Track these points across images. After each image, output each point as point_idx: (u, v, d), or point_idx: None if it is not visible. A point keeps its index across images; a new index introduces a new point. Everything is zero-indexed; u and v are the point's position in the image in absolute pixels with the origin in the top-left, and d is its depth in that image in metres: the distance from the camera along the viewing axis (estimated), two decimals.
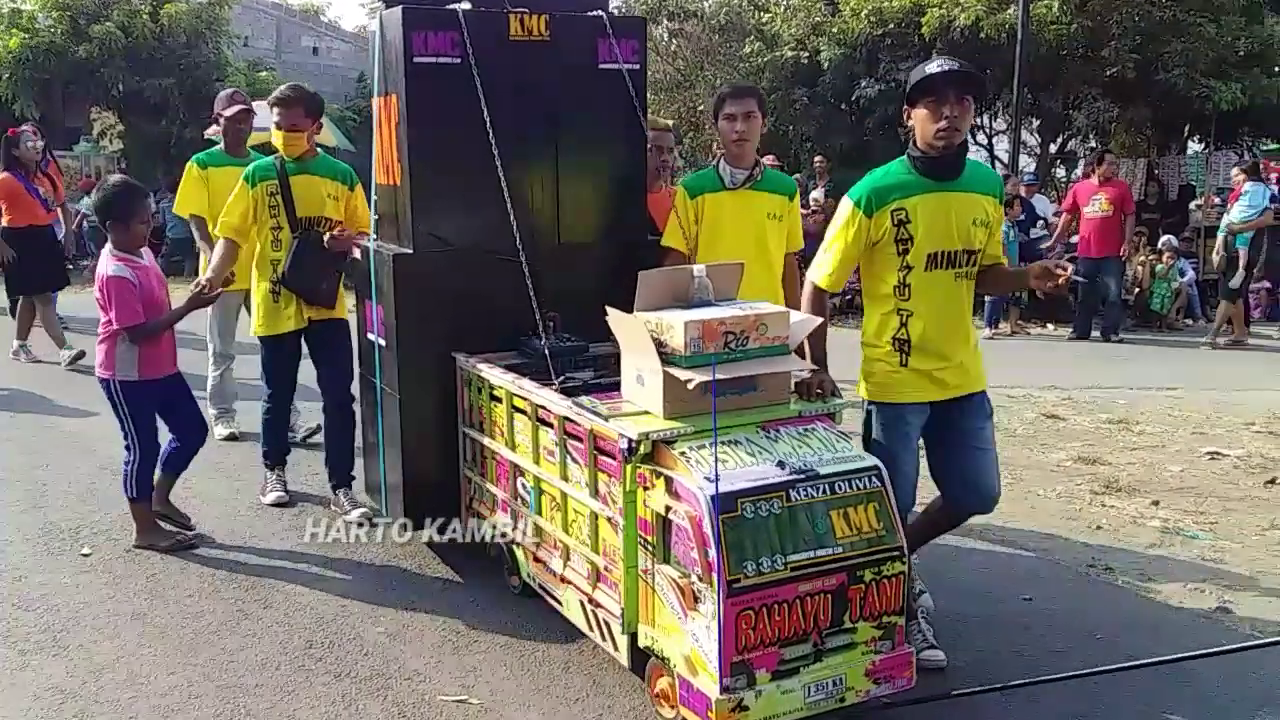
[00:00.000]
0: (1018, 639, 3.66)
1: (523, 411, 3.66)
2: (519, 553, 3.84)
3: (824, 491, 2.89)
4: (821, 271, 3.45)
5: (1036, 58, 13.33)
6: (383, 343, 4.25)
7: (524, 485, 3.73)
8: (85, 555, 4.41)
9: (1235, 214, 10.61)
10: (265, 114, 5.26)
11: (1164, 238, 12.12)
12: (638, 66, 4.34)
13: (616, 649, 3.22)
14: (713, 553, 2.70)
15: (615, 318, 3.20)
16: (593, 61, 4.25)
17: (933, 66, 3.25)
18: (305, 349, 4.98)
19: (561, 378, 3.97)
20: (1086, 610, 3.91)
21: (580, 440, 3.28)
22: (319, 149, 4.90)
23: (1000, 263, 3.54)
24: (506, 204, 3.86)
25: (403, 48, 3.90)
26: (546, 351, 3.68)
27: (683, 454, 2.89)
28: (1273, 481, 5.72)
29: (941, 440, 3.47)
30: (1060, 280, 3.26)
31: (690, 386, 2.89)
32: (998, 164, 14.86)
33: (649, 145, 4.48)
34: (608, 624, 3.25)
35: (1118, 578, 4.29)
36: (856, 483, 2.94)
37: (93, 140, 18.46)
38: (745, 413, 3.09)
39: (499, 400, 3.82)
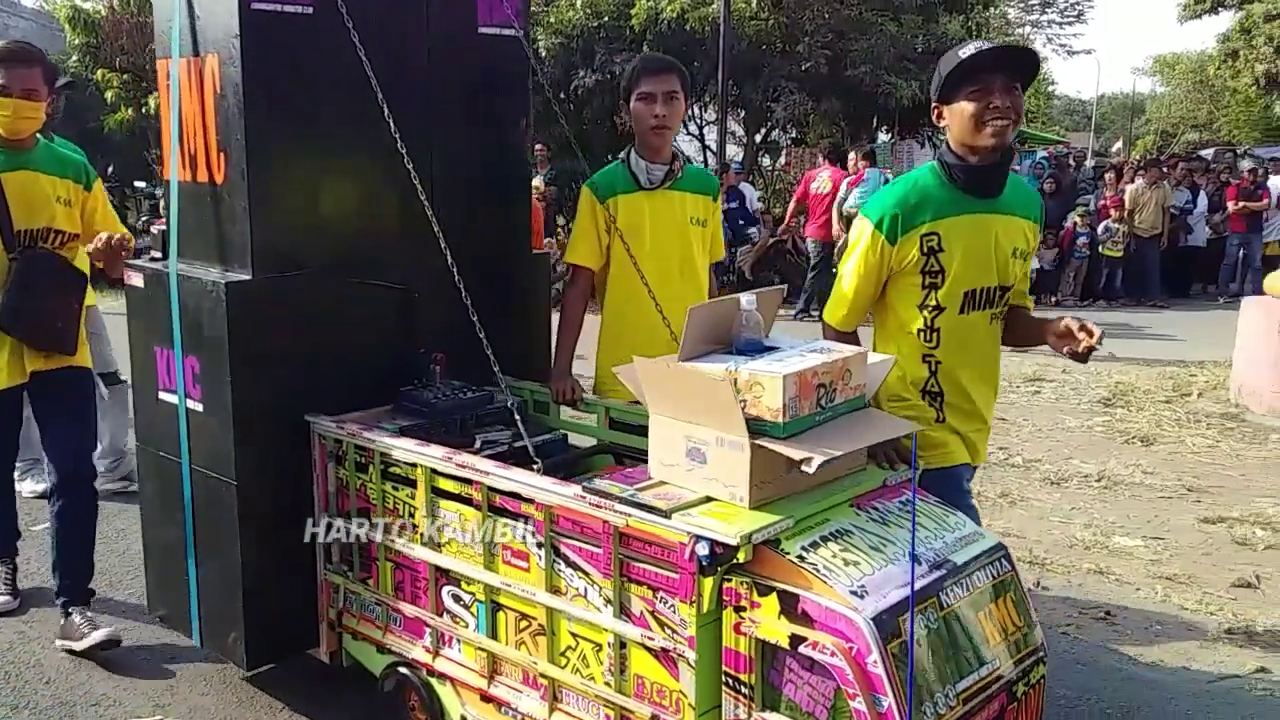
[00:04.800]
0: None
1: (458, 497, 2.64)
2: (444, 688, 2.80)
3: (966, 588, 2.19)
4: (837, 311, 2.73)
5: (739, 51, 13.42)
6: (197, 407, 2.99)
7: (457, 597, 2.71)
8: None
9: (854, 198, 10.61)
10: None
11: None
12: (523, 32, 3.38)
13: None
14: (888, 700, 1.92)
15: (650, 369, 2.26)
16: (472, 22, 3.25)
17: (969, 49, 2.54)
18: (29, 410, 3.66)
19: (479, 443, 3.00)
20: None
21: (592, 540, 2.34)
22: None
23: (1025, 306, 2.82)
24: (424, 204, 2.78)
25: None
26: (513, 408, 2.67)
27: (800, 558, 2.07)
28: None
29: None
30: (1089, 345, 2.49)
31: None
32: (709, 153, 14.91)
33: None
34: None
35: None
36: (991, 570, 2.27)
37: None
38: (831, 489, 2.31)
39: (406, 482, 2.76)
